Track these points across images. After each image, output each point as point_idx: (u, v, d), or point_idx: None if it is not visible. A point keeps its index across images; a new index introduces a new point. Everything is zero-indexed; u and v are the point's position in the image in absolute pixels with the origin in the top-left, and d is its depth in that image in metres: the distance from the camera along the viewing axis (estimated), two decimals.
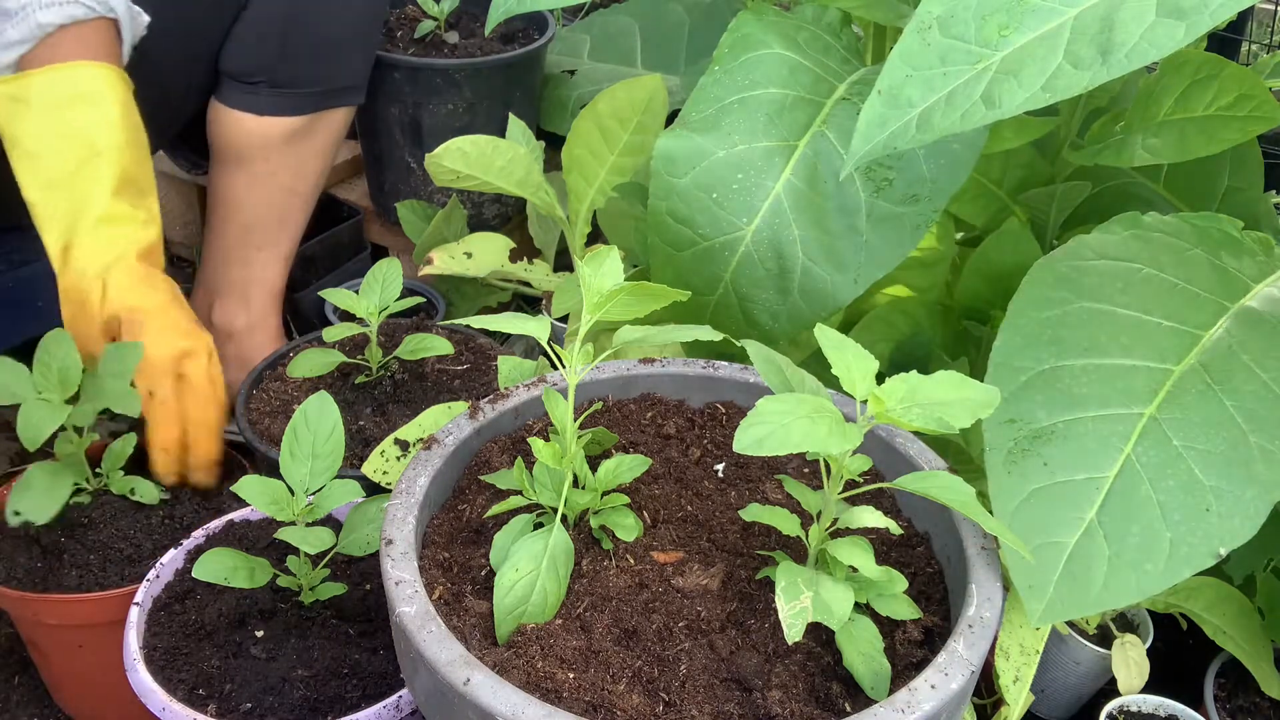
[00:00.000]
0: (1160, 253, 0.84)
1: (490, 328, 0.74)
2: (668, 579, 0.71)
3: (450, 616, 0.67)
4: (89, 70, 1.00)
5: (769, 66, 0.93)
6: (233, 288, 1.32)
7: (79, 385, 0.94)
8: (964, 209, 1.12)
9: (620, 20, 1.72)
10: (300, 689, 0.82)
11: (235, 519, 0.96)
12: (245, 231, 1.29)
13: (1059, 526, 0.73)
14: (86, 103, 1.00)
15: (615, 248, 0.75)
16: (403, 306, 1.09)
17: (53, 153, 1.00)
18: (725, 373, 0.86)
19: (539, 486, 0.72)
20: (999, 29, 0.68)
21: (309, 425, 0.87)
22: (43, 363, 0.94)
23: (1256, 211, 1.03)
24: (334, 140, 1.31)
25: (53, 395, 0.93)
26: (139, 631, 0.86)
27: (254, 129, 1.23)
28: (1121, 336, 0.79)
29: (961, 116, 0.67)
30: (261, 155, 1.25)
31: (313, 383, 1.13)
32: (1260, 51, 1.89)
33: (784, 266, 0.89)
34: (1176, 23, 0.63)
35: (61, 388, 0.94)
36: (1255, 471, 0.73)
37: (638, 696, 0.62)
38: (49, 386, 0.93)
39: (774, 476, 0.80)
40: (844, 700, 0.64)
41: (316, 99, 1.25)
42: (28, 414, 0.91)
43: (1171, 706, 0.99)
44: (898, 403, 0.64)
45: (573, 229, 1.33)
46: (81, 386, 0.94)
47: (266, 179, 1.27)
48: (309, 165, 1.29)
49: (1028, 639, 0.82)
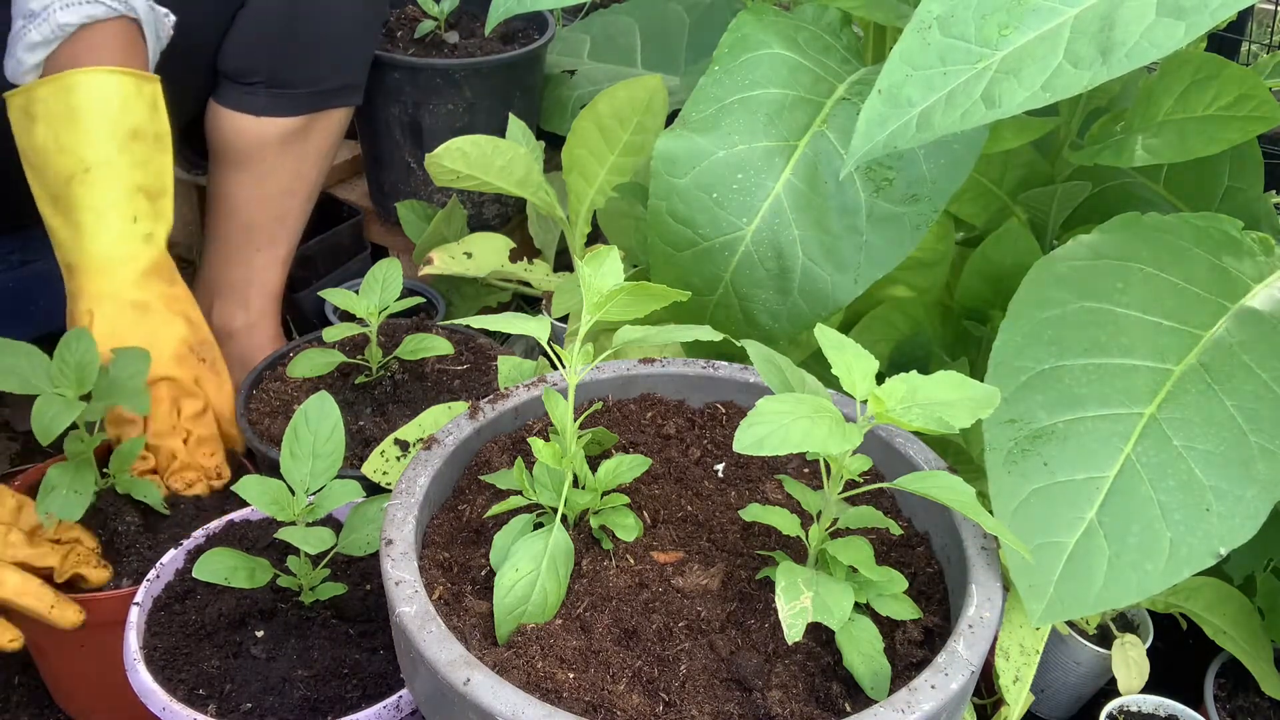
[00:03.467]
0: (1160, 253, 0.84)
1: (490, 328, 0.74)
2: (668, 579, 0.71)
3: (450, 616, 0.67)
4: (92, 78, 0.99)
5: (769, 66, 0.93)
6: (232, 288, 1.32)
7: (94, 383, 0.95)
8: (964, 209, 1.12)
9: (620, 20, 1.72)
10: (300, 689, 0.82)
11: (235, 519, 0.96)
12: (244, 232, 1.29)
13: (1059, 526, 0.73)
14: (80, 115, 0.99)
15: (615, 248, 0.75)
16: (403, 306, 1.09)
17: (51, 169, 1.00)
18: (725, 373, 0.86)
19: (539, 486, 0.72)
20: (999, 28, 0.68)
21: (309, 425, 0.87)
22: (62, 357, 0.95)
23: (1256, 211, 1.03)
24: (333, 141, 1.31)
25: (68, 391, 0.94)
26: (139, 631, 0.86)
27: (251, 129, 1.23)
28: (1121, 336, 0.79)
29: (961, 116, 0.67)
30: (259, 156, 1.25)
31: (313, 383, 1.13)
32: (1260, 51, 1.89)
33: (784, 266, 0.89)
34: (1176, 22, 0.63)
35: (77, 384, 0.94)
36: (1255, 471, 0.73)
37: (638, 696, 0.62)
38: (65, 382, 0.94)
39: (774, 476, 0.80)
40: (844, 700, 0.64)
41: (314, 99, 1.24)
42: (42, 407, 0.92)
43: (1171, 706, 0.99)
44: (898, 403, 0.64)
45: (573, 229, 1.33)
46: (95, 385, 0.95)
47: (265, 180, 1.26)
48: (307, 166, 1.29)
49: (1028, 639, 0.82)
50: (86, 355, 0.95)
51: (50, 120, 0.99)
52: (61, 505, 0.94)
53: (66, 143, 0.98)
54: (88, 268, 1.00)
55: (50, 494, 0.94)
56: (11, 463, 1.35)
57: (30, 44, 0.98)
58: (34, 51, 0.98)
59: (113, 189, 1.00)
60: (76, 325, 1.00)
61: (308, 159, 1.28)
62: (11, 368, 0.94)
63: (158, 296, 1.04)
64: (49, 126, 0.99)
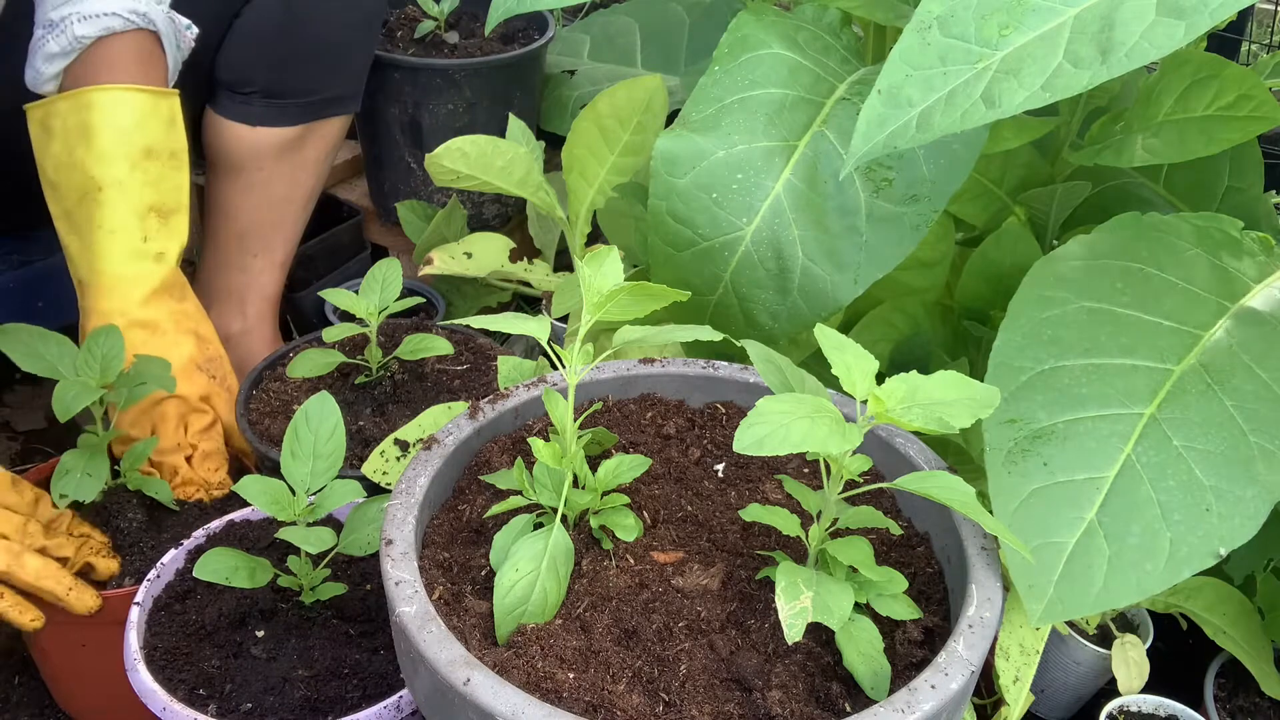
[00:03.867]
0: (1160, 253, 0.84)
1: (490, 328, 0.74)
2: (668, 579, 0.71)
3: (450, 616, 0.67)
4: (108, 96, 0.98)
5: (769, 66, 0.93)
6: (229, 294, 1.31)
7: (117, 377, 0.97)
8: (964, 209, 1.12)
9: (620, 20, 1.73)
10: (300, 689, 0.82)
11: (236, 519, 0.97)
12: (240, 239, 1.28)
13: (1059, 526, 0.73)
14: (94, 133, 0.98)
15: (615, 248, 0.75)
16: (403, 306, 1.09)
17: (64, 185, 1.00)
18: (725, 373, 0.86)
19: (539, 486, 0.72)
20: (999, 28, 0.68)
21: (310, 425, 0.87)
22: (89, 349, 0.97)
23: (1256, 211, 1.03)
24: (330, 149, 1.30)
25: (91, 379, 0.96)
26: (139, 631, 0.86)
27: (248, 138, 1.22)
28: (1121, 336, 0.79)
29: (961, 116, 0.67)
30: (255, 165, 1.24)
31: (313, 383, 1.13)
32: (1260, 51, 1.90)
33: (784, 266, 0.89)
34: (1176, 22, 0.63)
35: (101, 375, 0.96)
36: (1255, 471, 0.73)
37: (638, 696, 0.62)
38: (89, 371, 0.96)
39: (774, 476, 0.80)
40: (844, 700, 0.64)
41: (311, 109, 1.23)
42: (63, 390, 0.94)
43: (1171, 706, 0.99)
44: (898, 403, 0.64)
45: (573, 229, 1.33)
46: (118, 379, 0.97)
47: (261, 187, 1.26)
48: (304, 173, 1.28)
49: (1028, 639, 0.82)
50: (113, 350, 0.97)
51: (66, 136, 0.98)
52: (76, 487, 0.95)
53: (80, 160, 0.98)
54: (98, 286, 1.01)
55: (65, 477, 0.95)
56: (12, 463, 1.35)
57: (49, 55, 0.98)
58: (52, 62, 0.98)
59: (124, 208, 1.00)
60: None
61: (305, 167, 1.27)
62: (40, 352, 0.96)
63: (167, 315, 1.04)
64: (64, 143, 0.99)
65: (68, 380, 0.95)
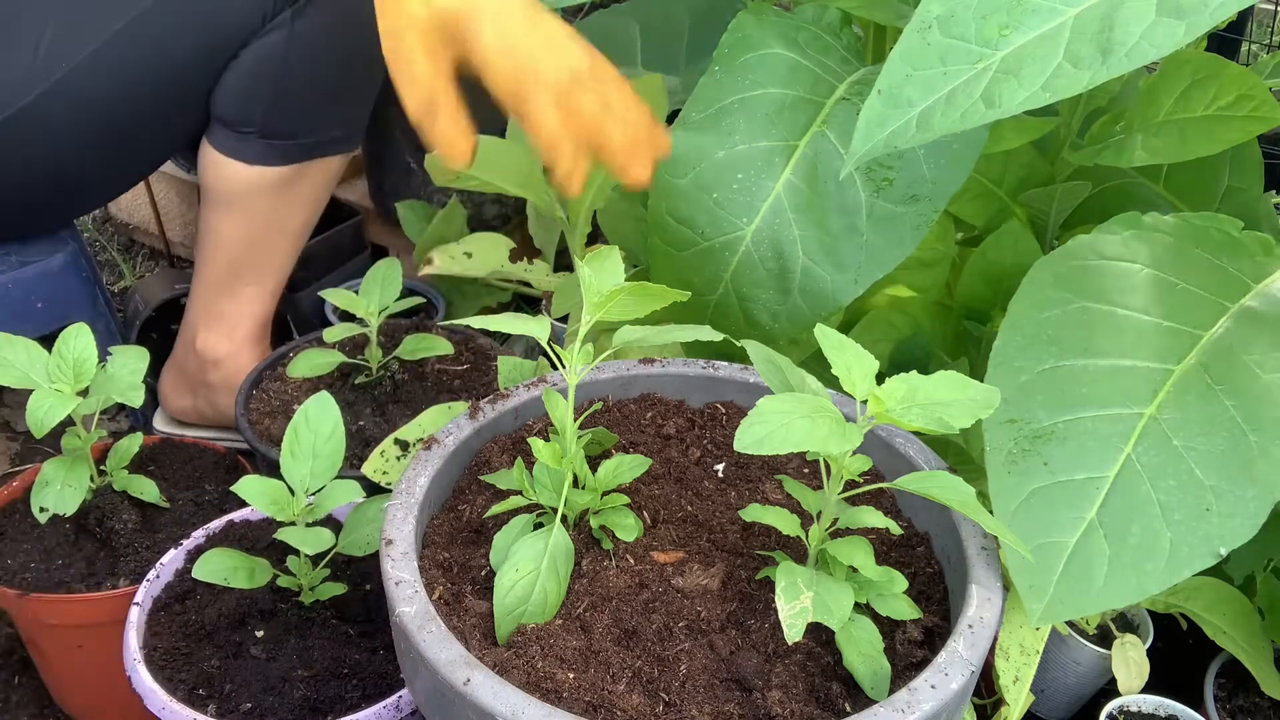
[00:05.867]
0: (1160, 253, 0.84)
1: (490, 328, 0.74)
2: (668, 579, 0.71)
3: (450, 616, 0.67)
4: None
5: (769, 66, 0.93)
6: (220, 319, 1.28)
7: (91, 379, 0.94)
8: (964, 209, 1.12)
9: (620, 20, 1.72)
10: (300, 689, 0.82)
11: (235, 519, 0.97)
12: (232, 268, 1.26)
13: (1059, 526, 0.72)
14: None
15: (615, 248, 0.75)
16: (403, 306, 1.09)
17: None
18: (725, 373, 0.86)
19: (539, 486, 0.72)
20: (999, 28, 0.68)
21: (309, 425, 0.87)
22: (59, 353, 0.93)
23: (1256, 211, 1.03)
24: (326, 185, 1.26)
25: (65, 386, 0.93)
26: (139, 631, 0.86)
27: (242, 175, 1.19)
28: (1121, 336, 0.79)
29: (961, 116, 0.67)
30: (249, 200, 1.21)
31: (313, 383, 1.13)
32: (1260, 51, 1.90)
33: (784, 266, 0.89)
34: (1176, 22, 0.63)
35: (75, 379, 0.93)
36: (1255, 471, 0.73)
37: (638, 696, 0.62)
38: (62, 377, 0.93)
39: (774, 476, 0.80)
40: (844, 700, 0.64)
41: (308, 149, 1.20)
42: (38, 401, 0.90)
43: (1171, 706, 0.99)
44: (898, 403, 0.64)
45: (573, 229, 1.33)
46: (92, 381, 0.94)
47: (254, 221, 1.23)
48: (299, 208, 1.25)
49: (1028, 639, 0.82)
50: (84, 351, 0.93)
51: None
52: (56, 500, 0.93)
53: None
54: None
55: (44, 489, 0.94)
56: (12, 463, 1.35)
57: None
58: None
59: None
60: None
61: (299, 201, 1.24)
62: (9, 362, 0.93)
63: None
64: None
65: (41, 390, 0.91)
